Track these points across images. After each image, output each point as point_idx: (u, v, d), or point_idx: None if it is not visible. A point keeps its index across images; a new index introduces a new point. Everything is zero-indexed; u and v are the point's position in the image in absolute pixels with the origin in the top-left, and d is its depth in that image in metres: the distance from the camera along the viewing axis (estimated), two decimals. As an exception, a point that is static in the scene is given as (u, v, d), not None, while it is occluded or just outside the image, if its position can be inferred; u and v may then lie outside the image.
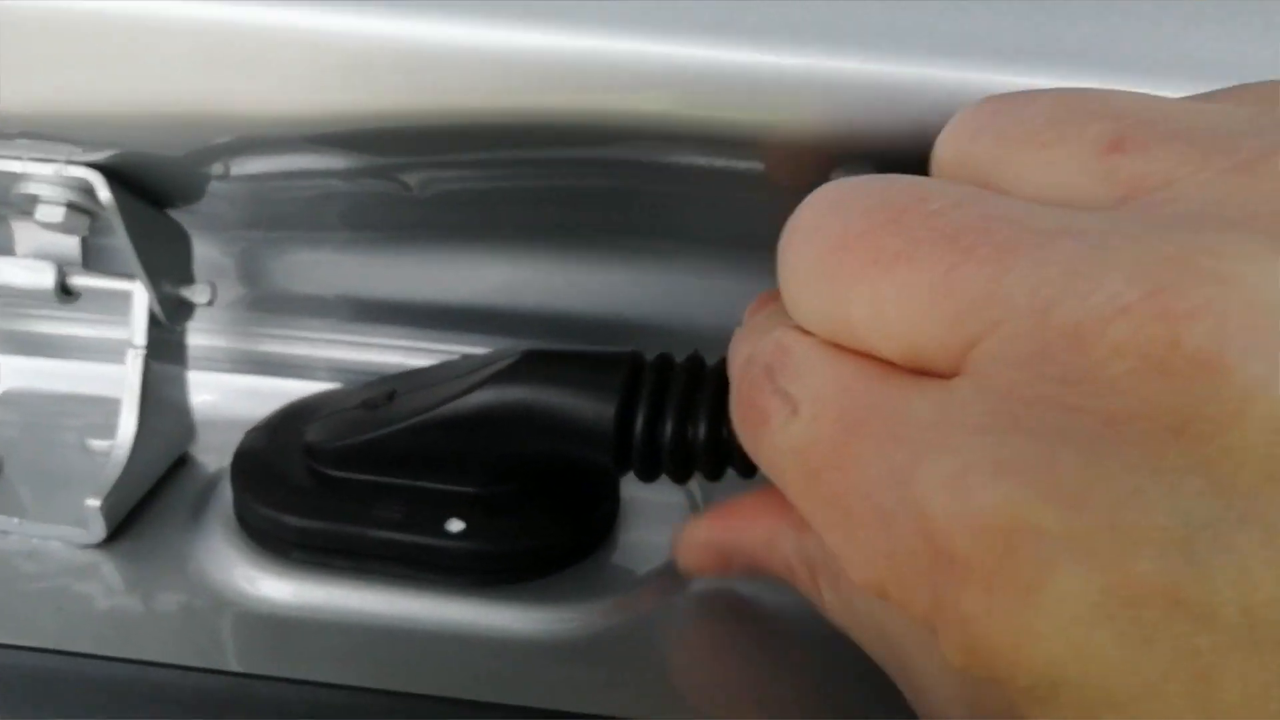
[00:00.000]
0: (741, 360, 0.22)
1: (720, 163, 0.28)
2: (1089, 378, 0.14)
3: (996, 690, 0.15)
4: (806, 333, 0.20)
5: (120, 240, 0.29)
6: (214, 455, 0.34)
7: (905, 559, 0.16)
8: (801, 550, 0.24)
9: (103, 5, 0.25)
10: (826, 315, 0.19)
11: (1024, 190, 0.18)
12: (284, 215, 0.32)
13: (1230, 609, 0.13)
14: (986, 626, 0.14)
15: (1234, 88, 0.20)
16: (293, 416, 0.33)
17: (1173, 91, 0.20)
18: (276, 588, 0.30)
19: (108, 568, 0.30)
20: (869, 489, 0.17)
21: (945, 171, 0.21)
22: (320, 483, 0.30)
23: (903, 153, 0.25)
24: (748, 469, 0.28)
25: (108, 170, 0.28)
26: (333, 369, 0.38)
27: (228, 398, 0.38)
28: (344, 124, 0.25)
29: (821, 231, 0.19)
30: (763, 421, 0.20)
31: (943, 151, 0.21)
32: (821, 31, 0.25)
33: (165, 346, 0.33)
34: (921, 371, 0.17)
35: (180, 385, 0.35)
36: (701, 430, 0.27)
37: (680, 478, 0.29)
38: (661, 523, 0.34)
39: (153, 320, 0.31)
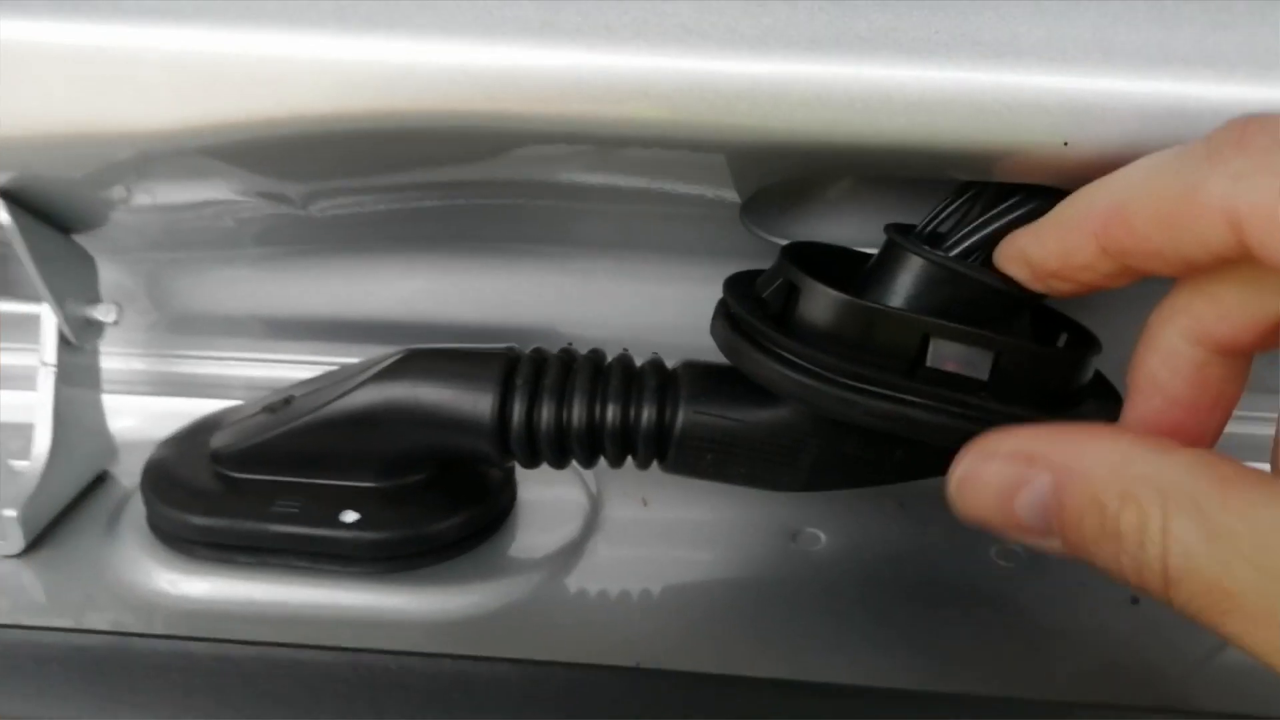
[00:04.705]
0: None
1: (600, 177, 0.29)
2: None
3: None
4: None
5: (24, 263, 0.31)
6: (133, 475, 0.36)
7: None
8: (1159, 477, 0.20)
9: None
10: None
11: None
12: (185, 237, 0.34)
13: None
14: None
15: None
16: (201, 429, 0.35)
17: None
18: (186, 584, 0.31)
19: (27, 575, 0.32)
20: None
21: None
22: (224, 484, 0.32)
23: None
24: (648, 458, 0.30)
25: (8, 195, 0.30)
26: (248, 387, 0.40)
27: (149, 420, 0.39)
28: (230, 139, 0.27)
29: None
30: None
31: None
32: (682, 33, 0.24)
33: (80, 371, 0.35)
34: None
35: (96, 407, 0.36)
36: (576, 414, 0.29)
37: (559, 463, 0.31)
38: (559, 515, 0.36)
39: (63, 341, 0.33)
